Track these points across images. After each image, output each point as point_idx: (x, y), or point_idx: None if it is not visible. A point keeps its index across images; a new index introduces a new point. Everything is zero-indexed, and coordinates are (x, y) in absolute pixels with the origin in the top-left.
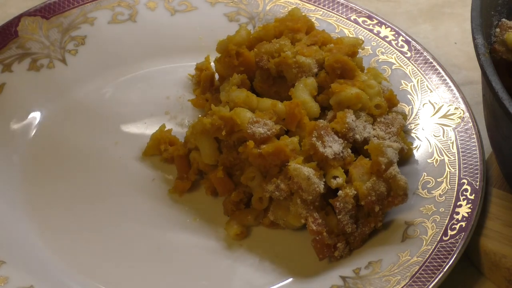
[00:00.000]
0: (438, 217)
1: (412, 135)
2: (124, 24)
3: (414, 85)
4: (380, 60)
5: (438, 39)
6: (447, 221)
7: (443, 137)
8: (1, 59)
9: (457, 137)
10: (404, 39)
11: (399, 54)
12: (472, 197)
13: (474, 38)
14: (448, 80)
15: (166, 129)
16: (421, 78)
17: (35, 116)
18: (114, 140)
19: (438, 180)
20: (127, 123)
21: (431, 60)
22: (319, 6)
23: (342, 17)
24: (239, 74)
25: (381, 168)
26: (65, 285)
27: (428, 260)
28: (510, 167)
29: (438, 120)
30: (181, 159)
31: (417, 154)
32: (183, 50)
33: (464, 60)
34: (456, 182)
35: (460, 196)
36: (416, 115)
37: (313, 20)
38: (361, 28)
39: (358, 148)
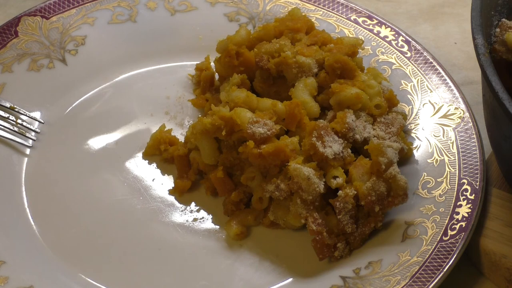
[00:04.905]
0: (438, 217)
1: (412, 135)
2: (124, 24)
3: (414, 85)
4: (380, 60)
5: (438, 39)
6: (447, 221)
7: (443, 137)
8: (1, 59)
9: (457, 137)
10: (404, 39)
11: (399, 54)
12: (472, 197)
13: (474, 38)
14: (448, 80)
15: (166, 129)
16: (421, 78)
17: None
18: (114, 140)
19: (438, 180)
20: (127, 123)
21: (431, 60)
22: (319, 6)
23: (342, 17)
24: (239, 74)
25: (381, 168)
26: (65, 285)
27: (428, 260)
28: (510, 167)
29: (438, 120)
30: (181, 159)
31: (417, 154)
32: (183, 50)
33: (464, 60)
34: (456, 182)
35: (460, 196)
36: (416, 115)
37: (313, 20)
38: (361, 28)
39: (358, 148)
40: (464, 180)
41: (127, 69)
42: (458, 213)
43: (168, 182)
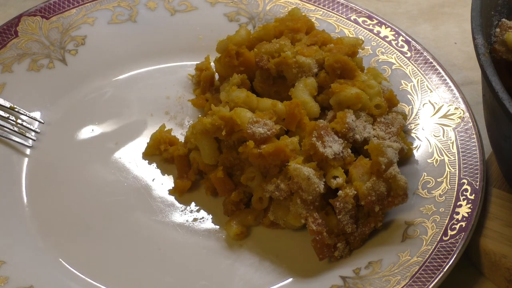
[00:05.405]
0: (438, 217)
1: (412, 135)
2: (124, 24)
3: (414, 85)
4: (380, 60)
5: (438, 39)
6: (447, 221)
7: (443, 137)
8: (1, 59)
9: (457, 137)
10: (404, 39)
11: (399, 54)
12: (472, 197)
13: (474, 38)
14: (448, 80)
15: (166, 129)
16: (421, 78)
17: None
18: (114, 140)
19: (438, 180)
20: (127, 123)
21: (431, 60)
22: (319, 6)
23: (342, 17)
24: (239, 74)
25: (381, 168)
26: (65, 285)
27: (428, 260)
28: (510, 167)
29: (438, 120)
30: (181, 159)
31: (417, 154)
32: (183, 50)
33: (464, 60)
34: (456, 182)
35: (460, 196)
36: (416, 115)
37: (313, 20)
38: (361, 28)
39: (358, 148)
40: (464, 180)
41: (127, 69)
42: (458, 213)
43: (168, 182)
